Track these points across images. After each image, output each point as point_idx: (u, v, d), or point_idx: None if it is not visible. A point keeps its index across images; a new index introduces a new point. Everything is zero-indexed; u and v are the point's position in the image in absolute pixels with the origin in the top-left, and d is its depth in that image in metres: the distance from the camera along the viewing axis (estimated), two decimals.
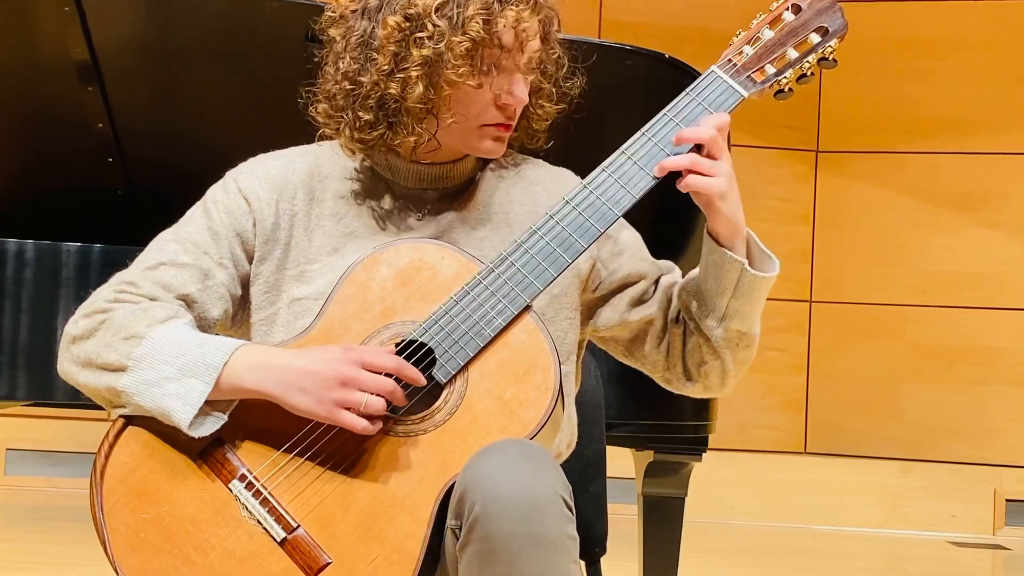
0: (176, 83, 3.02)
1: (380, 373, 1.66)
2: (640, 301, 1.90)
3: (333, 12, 1.83)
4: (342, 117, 1.81)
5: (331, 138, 1.87)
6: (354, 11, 1.80)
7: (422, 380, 1.68)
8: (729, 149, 3.13)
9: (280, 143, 1.93)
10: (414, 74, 1.75)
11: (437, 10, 1.74)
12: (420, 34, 1.74)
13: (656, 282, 1.91)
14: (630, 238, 1.93)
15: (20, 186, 3.03)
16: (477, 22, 1.73)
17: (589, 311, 1.92)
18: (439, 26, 1.73)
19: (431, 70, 1.75)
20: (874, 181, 5.87)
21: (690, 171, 1.74)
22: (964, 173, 5.80)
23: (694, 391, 1.90)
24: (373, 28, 1.77)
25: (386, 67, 1.76)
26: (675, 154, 1.75)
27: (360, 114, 1.79)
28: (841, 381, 5.83)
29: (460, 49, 1.74)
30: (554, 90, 1.87)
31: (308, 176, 1.87)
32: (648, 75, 2.98)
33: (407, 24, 1.75)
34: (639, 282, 1.90)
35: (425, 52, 1.74)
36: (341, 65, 1.80)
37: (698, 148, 1.75)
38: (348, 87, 1.79)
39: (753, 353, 1.87)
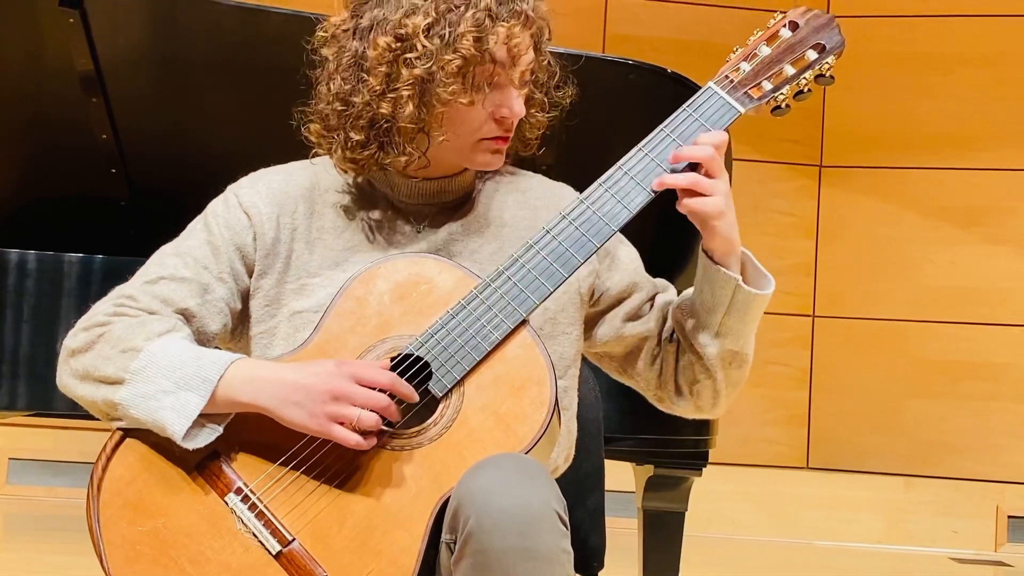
0: (180, 94, 3.03)
1: (374, 388, 1.67)
2: (635, 316, 1.90)
3: (325, 32, 1.84)
4: (334, 137, 1.82)
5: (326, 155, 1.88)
6: (345, 31, 1.81)
7: (415, 396, 1.69)
8: (730, 163, 3.16)
9: (284, 155, 1.94)
10: (405, 94, 1.75)
11: (427, 30, 1.74)
12: (410, 55, 1.75)
13: (652, 299, 1.91)
14: (628, 255, 1.94)
15: (23, 196, 3.04)
16: (468, 40, 1.73)
17: (588, 326, 1.93)
18: (429, 46, 1.74)
19: (423, 89, 1.76)
20: (877, 196, 5.87)
21: (688, 191, 1.74)
22: (968, 189, 5.80)
23: (686, 410, 1.91)
24: (364, 49, 1.78)
25: (378, 87, 1.77)
26: (673, 171, 1.75)
27: (352, 134, 1.80)
28: (844, 396, 5.83)
29: (451, 68, 1.74)
30: (545, 99, 1.87)
31: (309, 190, 1.88)
32: (650, 89, 2.99)
33: (398, 44, 1.75)
34: (634, 297, 1.91)
35: (416, 72, 1.75)
36: (332, 86, 1.81)
37: (695, 166, 1.75)
38: (340, 108, 1.80)
39: (746, 374, 1.87)
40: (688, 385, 1.87)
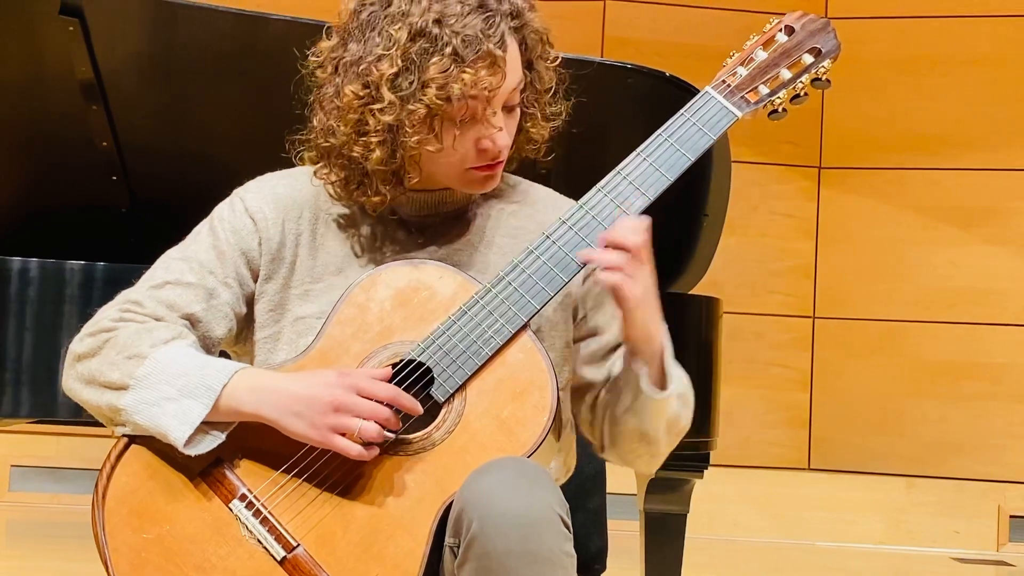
0: (181, 101, 3.03)
1: (376, 400, 1.67)
2: (593, 360, 1.88)
3: (317, 57, 1.84)
4: (326, 167, 1.84)
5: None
6: (334, 57, 1.81)
7: (419, 409, 1.69)
8: (730, 165, 3.16)
9: (284, 162, 1.95)
10: (374, 140, 1.75)
11: (393, 79, 1.73)
12: (375, 105, 1.74)
13: (616, 348, 1.88)
14: None
15: (24, 204, 3.04)
16: (432, 89, 1.71)
17: None
18: (393, 97, 1.73)
19: (392, 136, 1.75)
20: (877, 197, 5.88)
21: (613, 268, 1.72)
22: (967, 189, 5.81)
23: (611, 460, 1.90)
24: (340, 90, 1.78)
25: (349, 131, 1.77)
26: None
27: (334, 169, 1.82)
28: (844, 397, 5.83)
29: (415, 118, 1.73)
30: (539, 112, 1.86)
31: (314, 196, 1.88)
32: (649, 93, 2.99)
33: (365, 92, 1.75)
34: (601, 338, 1.88)
35: (384, 119, 1.74)
36: (316, 121, 1.82)
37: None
38: (323, 143, 1.81)
39: (657, 453, 1.84)
40: (610, 440, 1.86)
